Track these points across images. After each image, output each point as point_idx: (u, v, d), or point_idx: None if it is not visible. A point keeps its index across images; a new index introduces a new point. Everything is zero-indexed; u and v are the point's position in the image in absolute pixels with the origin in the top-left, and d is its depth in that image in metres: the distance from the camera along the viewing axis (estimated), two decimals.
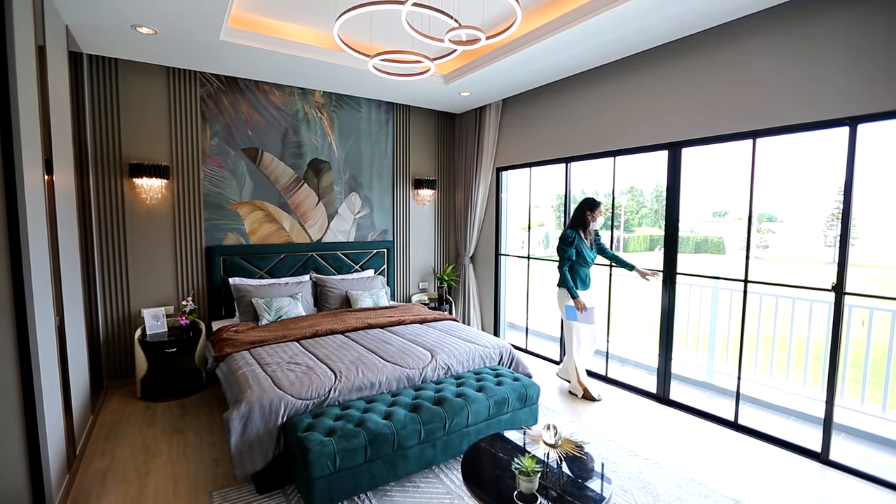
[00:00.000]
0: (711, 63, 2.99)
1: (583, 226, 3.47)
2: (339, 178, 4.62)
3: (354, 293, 4.19)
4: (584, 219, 3.46)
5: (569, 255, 3.42)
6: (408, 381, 2.76)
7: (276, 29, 3.33)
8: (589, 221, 3.45)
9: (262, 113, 4.14)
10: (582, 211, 3.47)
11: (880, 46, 2.29)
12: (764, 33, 2.72)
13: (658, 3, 2.60)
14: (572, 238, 3.43)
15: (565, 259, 3.44)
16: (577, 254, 3.44)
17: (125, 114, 3.57)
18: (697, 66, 3.07)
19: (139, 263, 3.69)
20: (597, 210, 3.44)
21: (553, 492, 1.77)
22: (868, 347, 3.12)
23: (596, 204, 3.45)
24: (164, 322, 3.65)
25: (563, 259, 3.45)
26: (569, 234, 3.45)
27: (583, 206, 3.48)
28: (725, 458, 2.70)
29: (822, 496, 2.35)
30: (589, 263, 3.51)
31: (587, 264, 3.50)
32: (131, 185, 3.62)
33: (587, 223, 3.46)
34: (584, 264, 3.49)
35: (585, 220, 3.46)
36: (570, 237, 3.43)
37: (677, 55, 3.17)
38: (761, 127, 2.77)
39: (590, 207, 3.45)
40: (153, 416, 3.19)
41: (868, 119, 2.38)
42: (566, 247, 3.43)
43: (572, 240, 3.43)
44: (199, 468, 2.54)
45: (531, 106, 4.45)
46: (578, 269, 3.48)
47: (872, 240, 6.04)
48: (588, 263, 3.50)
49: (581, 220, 3.47)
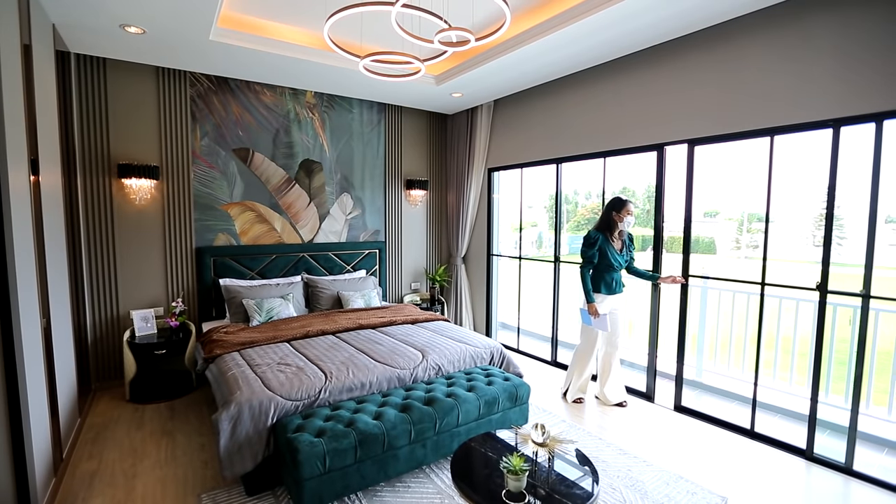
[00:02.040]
0: (700, 65, 3.02)
1: (608, 228, 3.29)
2: (331, 179, 4.61)
3: (346, 294, 4.19)
4: (610, 220, 3.28)
5: (589, 257, 3.27)
6: (398, 381, 2.76)
7: (266, 29, 3.32)
8: (615, 222, 3.26)
9: (252, 113, 4.13)
10: (607, 212, 3.31)
11: (863, 50, 2.34)
12: (753, 35, 2.76)
13: (645, 7, 2.63)
14: (594, 240, 3.27)
15: (586, 261, 3.29)
16: (601, 256, 3.27)
17: (114, 114, 3.54)
18: (687, 68, 3.10)
19: (128, 265, 3.66)
20: (623, 210, 3.24)
21: (541, 490, 1.79)
22: (852, 346, 3.17)
23: (621, 203, 3.25)
24: (153, 324, 3.62)
25: (584, 261, 3.31)
26: (591, 235, 3.30)
27: (608, 207, 3.32)
28: (713, 455, 2.73)
29: (807, 492, 2.39)
30: (616, 268, 3.31)
31: (614, 268, 3.30)
32: (120, 186, 3.59)
33: (613, 224, 3.27)
34: (611, 268, 3.30)
35: (611, 222, 3.28)
36: (593, 238, 3.28)
37: (667, 57, 3.21)
38: (752, 128, 2.81)
39: (614, 208, 3.27)
40: (142, 418, 3.17)
41: (850, 122, 2.42)
42: (587, 248, 3.28)
43: (594, 241, 3.27)
44: (188, 471, 2.53)
45: (522, 107, 4.48)
46: (604, 273, 3.31)
47: (861, 240, 6.13)
48: (616, 267, 3.31)
49: (607, 222, 3.30)
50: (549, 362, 4.44)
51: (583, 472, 1.92)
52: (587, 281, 3.29)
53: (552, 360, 4.44)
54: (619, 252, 3.32)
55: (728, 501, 2.28)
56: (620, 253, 3.33)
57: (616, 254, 3.30)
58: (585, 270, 3.31)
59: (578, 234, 12.74)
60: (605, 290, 3.32)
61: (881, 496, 2.34)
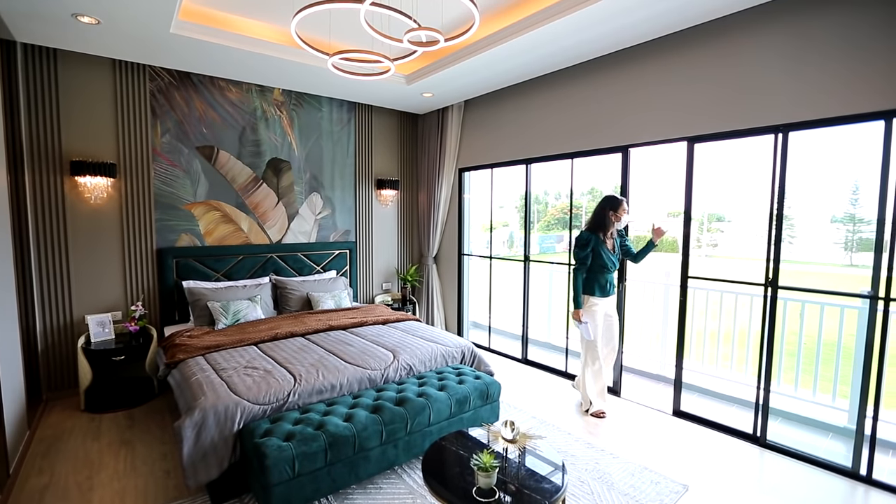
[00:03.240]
0: (658, 72, 3.14)
1: (602, 228, 3.12)
2: (300, 178, 4.53)
3: (316, 295, 4.12)
4: (604, 220, 3.11)
5: (582, 259, 3.12)
6: (369, 382, 2.74)
7: (231, 23, 3.22)
8: (611, 222, 3.11)
9: (217, 110, 4.00)
10: (602, 211, 3.12)
11: (813, 58, 2.49)
12: (713, 42, 2.88)
13: (609, 15, 2.71)
14: (586, 240, 3.11)
15: (579, 263, 3.15)
16: (594, 257, 3.12)
17: (66, 108, 3.35)
18: (645, 74, 3.22)
19: (83, 267, 3.48)
20: (620, 208, 3.09)
21: (511, 486, 1.81)
22: (801, 337, 3.37)
23: (617, 202, 3.10)
24: (111, 329, 3.45)
25: (577, 263, 3.16)
26: (583, 236, 3.14)
27: (603, 206, 3.12)
28: (675, 445, 2.84)
29: (760, 475, 2.52)
30: (609, 269, 3.15)
31: (607, 270, 3.15)
32: (73, 184, 3.40)
33: (608, 224, 3.11)
34: (604, 270, 3.14)
35: (606, 221, 3.11)
36: (585, 240, 3.12)
37: (629, 63, 3.32)
38: (699, 133, 2.95)
39: (611, 206, 3.10)
40: (98, 428, 3.02)
41: (798, 127, 2.57)
42: (579, 250, 3.13)
43: (586, 242, 3.11)
44: (149, 481, 2.43)
45: (493, 108, 4.53)
46: (598, 274, 3.15)
47: (809, 239, 6.55)
48: (608, 269, 3.15)
49: (600, 222, 3.12)
50: (520, 360, 4.51)
51: (552, 467, 1.96)
52: (578, 285, 3.15)
53: (523, 357, 4.51)
54: (611, 252, 3.18)
55: (689, 488, 2.38)
56: (613, 252, 3.19)
57: (609, 254, 3.15)
58: (579, 274, 3.16)
59: (548, 234, 13.00)
60: (599, 292, 3.17)
61: (829, 479, 2.50)
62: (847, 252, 6.57)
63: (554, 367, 4.22)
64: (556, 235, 12.93)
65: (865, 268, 2.93)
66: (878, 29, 2.27)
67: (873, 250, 2.39)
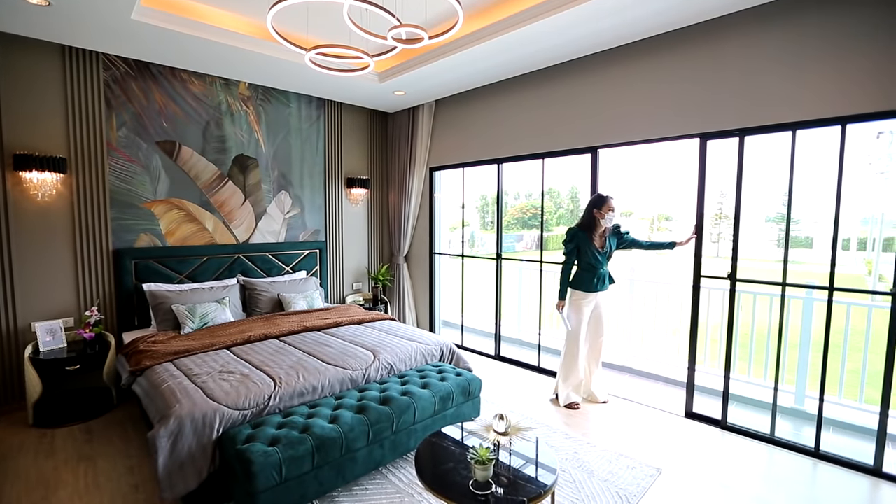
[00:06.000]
0: (626, 76, 3.30)
1: (589, 227, 3.23)
2: (268, 176, 4.38)
3: (287, 296, 4.00)
4: (590, 218, 3.22)
5: (567, 253, 3.28)
6: (351, 382, 2.70)
7: (197, 12, 3.07)
8: (597, 220, 3.20)
9: (179, 103, 3.79)
10: (588, 210, 3.26)
11: (771, 65, 2.70)
12: (677, 48, 3.06)
13: (584, 18, 2.82)
14: (571, 236, 3.27)
15: (565, 256, 3.31)
16: (580, 255, 3.25)
17: (7, 97, 3.07)
18: (613, 78, 3.37)
19: (28, 270, 3.20)
20: (604, 206, 3.18)
21: (504, 478, 1.85)
22: (753, 328, 3.64)
23: (602, 200, 3.19)
24: (62, 336, 3.20)
25: (565, 257, 3.32)
26: (570, 231, 3.29)
27: (589, 205, 3.27)
28: (647, 432, 2.99)
29: (723, 454, 2.72)
30: (596, 266, 3.23)
31: (593, 267, 3.23)
32: (16, 180, 3.12)
33: (594, 222, 3.21)
34: (590, 267, 3.24)
35: (592, 219, 3.21)
36: (570, 235, 3.28)
37: (598, 67, 3.45)
38: (661, 136, 3.12)
39: (595, 205, 3.21)
40: (51, 444, 2.79)
41: (754, 132, 2.78)
42: (565, 244, 3.30)
43: (570, 238, 3.27)
44: (116, 497, 2.28)
45: (464, 107, 4.57)
46: (585, 272, 3.26)
47: (752, 236, 7.12)
48: (595, 266, 3.23)
49: (586, 220, 3.24)
50: (493, 357, 4.58)
51: (541, 458, 2.02)
52: (564, 277, 3.30)
53: (496, 354, 4.58)
54: (600, 249, 3.25)
55: (662, 471, 2.52)
56: (602, 250, 3.26)
57: (597, 252, 3.23)
58: (565, 266, 3.31)
59: (509, 234, 13.19)
60: (585, 287, 3.27)
61: (785, 455, 2.72)
62: (780, 248, 7.23)
63: (527, 362, 4.32)
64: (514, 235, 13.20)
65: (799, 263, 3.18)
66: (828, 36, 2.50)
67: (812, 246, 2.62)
